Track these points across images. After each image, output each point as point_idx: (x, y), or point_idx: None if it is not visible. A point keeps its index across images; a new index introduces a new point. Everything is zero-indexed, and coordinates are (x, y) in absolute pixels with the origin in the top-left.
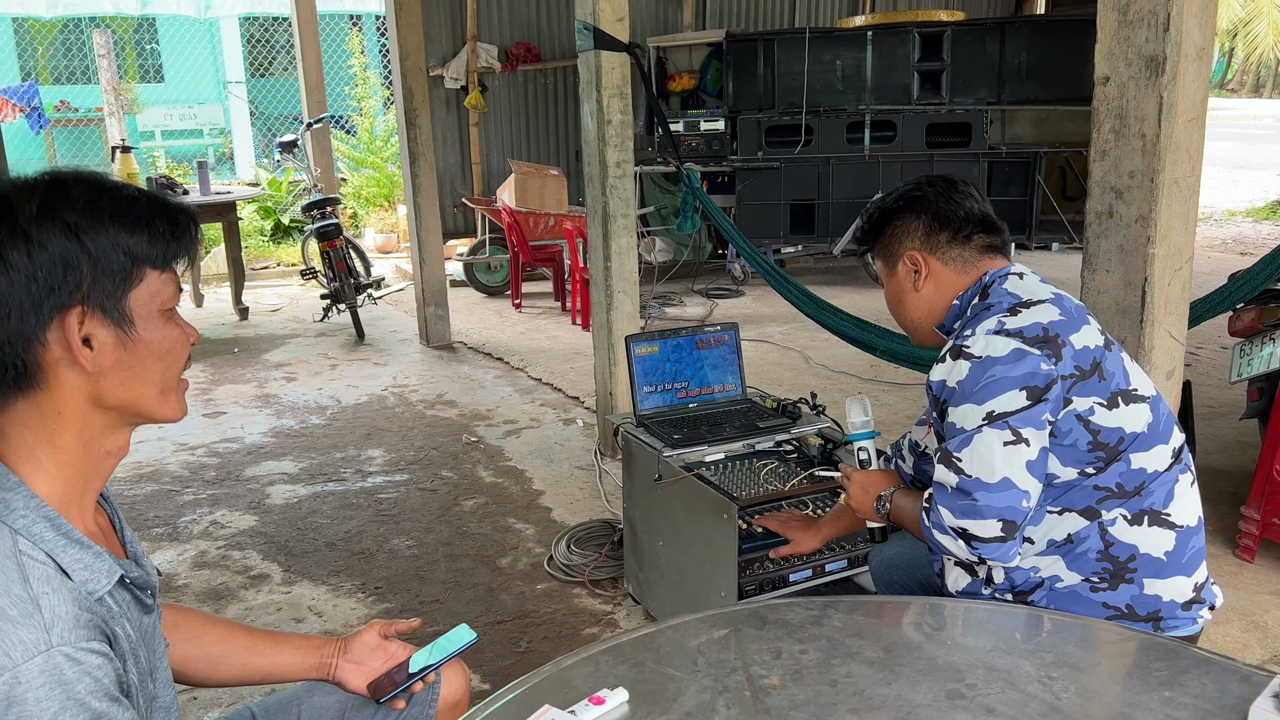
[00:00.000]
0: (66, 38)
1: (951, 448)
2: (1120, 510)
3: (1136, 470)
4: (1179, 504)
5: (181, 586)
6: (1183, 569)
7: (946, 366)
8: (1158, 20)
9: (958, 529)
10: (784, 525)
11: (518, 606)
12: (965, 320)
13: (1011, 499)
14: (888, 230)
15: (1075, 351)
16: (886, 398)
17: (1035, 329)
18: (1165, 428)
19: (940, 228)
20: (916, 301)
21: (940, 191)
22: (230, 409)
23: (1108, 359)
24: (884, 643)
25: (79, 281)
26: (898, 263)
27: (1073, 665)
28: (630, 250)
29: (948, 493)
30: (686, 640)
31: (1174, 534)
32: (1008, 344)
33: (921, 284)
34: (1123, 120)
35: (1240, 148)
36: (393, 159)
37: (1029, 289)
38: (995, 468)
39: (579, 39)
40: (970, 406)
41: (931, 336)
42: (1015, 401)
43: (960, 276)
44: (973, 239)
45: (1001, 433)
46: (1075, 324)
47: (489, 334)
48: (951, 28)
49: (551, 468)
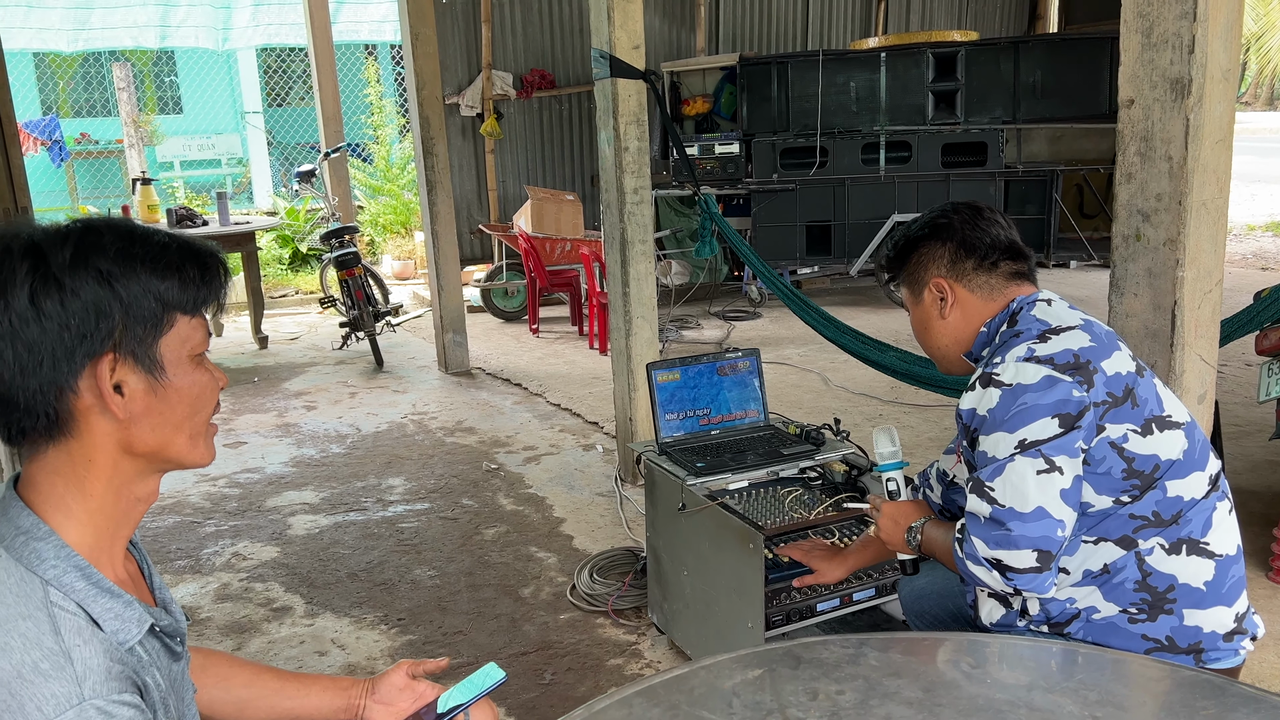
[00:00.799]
0: (87, 71)
1: (984, 477)
2: (1158, 539)
3: (1173, 498)
4: (1217, 532)
5: (205, 620)
6: (1223, 599)
7: (976, 394)
8: (1182, 42)
9: (992, 560)
10: (808, 555)
11: (541, 637)
12: (994, 348)
13: (1046, 528)
14: (913, 258)
15: (1107, 378)
16: (908, 420)
17: (1066, 355)
18: (1201, 454)
19: (966, 255)
20: (943, 329)
21: (966, 219)
22: (251, 439)
23: (1140, 385)
24: (922, 682)
25: (111, 329)
26: (924, 290)
27: (1117, 705)
28: (649, 276)
29: (981, 523)
30: (720, 681)
31: (1213, 563)
32: (1039, 371)
33: (948, 311)
34: (1148, 143)
35: (1257, 161)
36: (409, 186)
37: (1058, 315)
38: (1029, 497)
39: (595, 67)
40: (1002, 435)
41: (959, 364)
42: (1048, 429)
43: (987, 304)
44: (999, 266)
45: (1035, 461)
46: (1106, 350)
47: (507, 360)
48: (965, 48)
49: (572, 494)
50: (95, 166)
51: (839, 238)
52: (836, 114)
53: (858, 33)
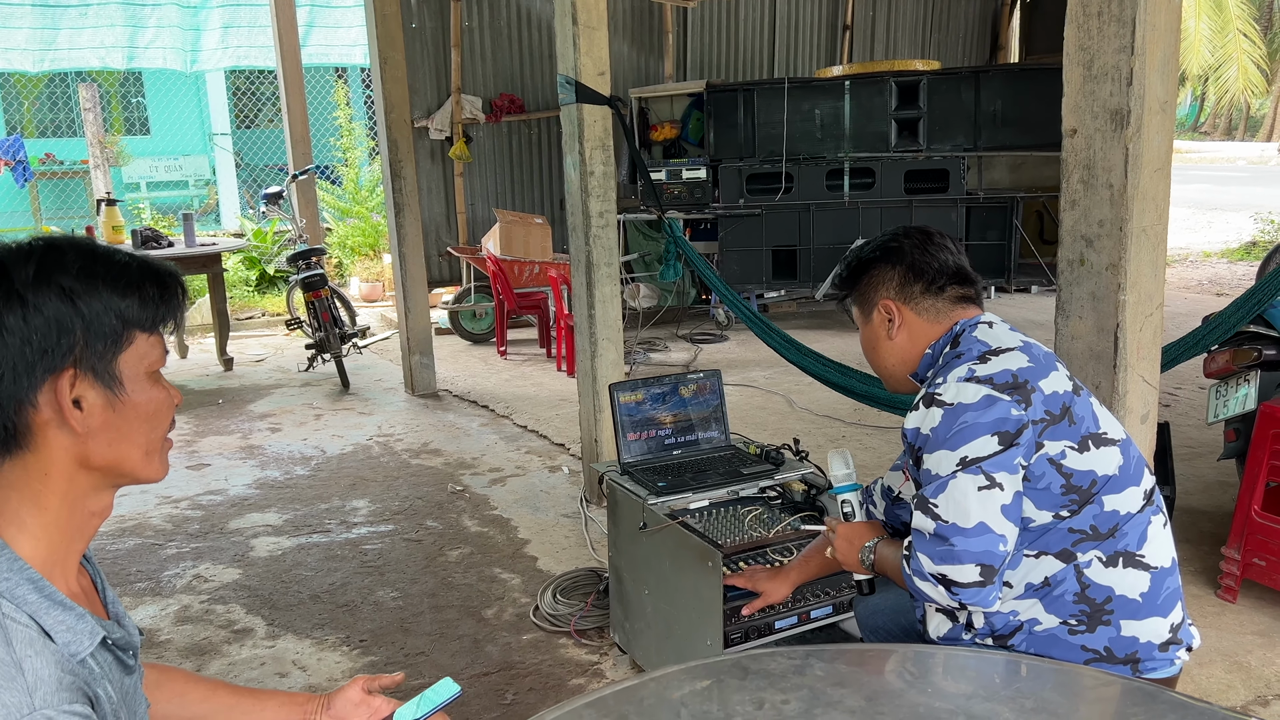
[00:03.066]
0: (53, 91)
1: (928, 494)
2: (1095, 552)
3: (1109, 512)
4: (1152, 545)
5: (164, 642)
6: (1158, 610)
7: (920, 414)
8: (1121, 75)
9: (937, 575)
10: (751, 580)
11: (503, 658)
12: (937, 368)
13: (988, 543)
14: (864, 279)
15: (1045, 396)
16: (870, 441)
17: (1005, 375)
18: (1136, 470)
19: (915, 279)
20: (890, 349)
21: (916, 244)
22: (214, 460)
23: (1076, 403)
24: (865, 691)
25: (72, 345)
26: (873, 311)
27: (1051, 711)
28: (614, 298)
29: (925, 539)
30: (669, 692)
31: (1149, 575)
32: (978, 390)
33: (895, 332)
34: (1090, 171)
35: (1214, 189)
36: (378, 208)
37: (998, 337)
38: (970, 512)
39: (561, 93)
40: (944, 453)
41: (905, 383)
42: (987, 446)
43: (933, 326)
44: (946, 290)
45: (975, 478)
46: (1044, 370)
47: (474, 382)
48: (927, 77)
49: (537, 516)
50: (60, 187)
51: (804, 262)
52: (802, 140)
53: (823, 61)
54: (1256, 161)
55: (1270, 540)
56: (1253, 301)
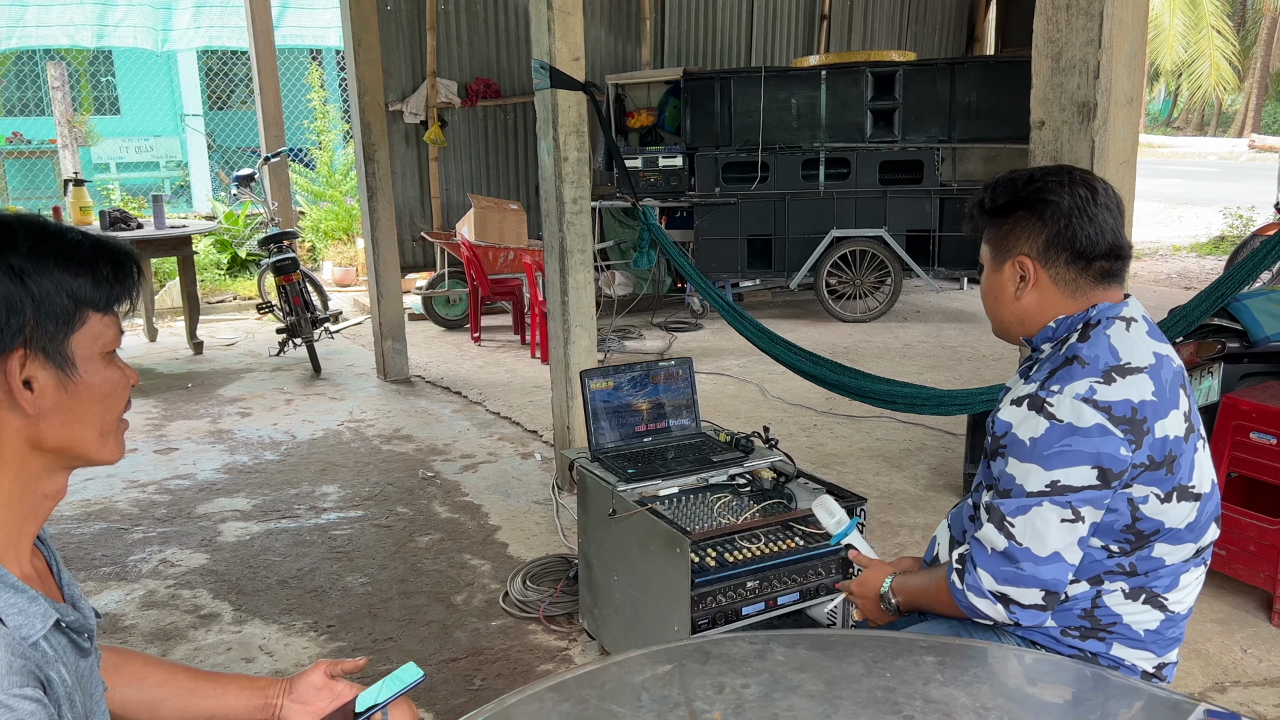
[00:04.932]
0: (20, 69)
1: (1007, 511)
2: (1121, 584)
3: (1156, 558)
4: (1180, 592)
5: (129, 627)
6: (1155, 647)
7: (1021, 414)
8: (1088, 68)
9: (998, 594)
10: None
11: (472, 644)
12: (1056, 362)
13: (1058, 571)
14: (1008, 222)
15: (1155, 440)
16: (841, 430)
17: (1124, 407)
18: (1203, 526)
19: (1063, 246)
20: (1013, 308)
21: (1079, 203)
22: (183, 445)
23: (1184, 453)
24: (825, 676)
25: (22, 324)
26: (1006, 262)
27: (1009, 696)
28: (587, 285)
29: (989, 555)
30: (631, 676)
31: (1162, 616)
32: (1094, 416)
33: (1024, 294)
34: (1057, 163)
35: (1185, 184)
36: (352, 193)
37: (1132, 348)
38: (1049, 542)
39: (536, 78)
40: (1036, 468)
41: (1015, 340)
42: (1084, 478)
43: (1067, 301)
44: (1093, 265)
45: (1062, 510)
46: (1164, 408)
47: (447, 368)
48: (903, 68)
49: (508, 503)
50: (27, 166)
51: (779, 251)
52: (778, 130)
53: (800, 50)
54: (1228, 157)
55: (1231, 530)
56: (1216, 295)
